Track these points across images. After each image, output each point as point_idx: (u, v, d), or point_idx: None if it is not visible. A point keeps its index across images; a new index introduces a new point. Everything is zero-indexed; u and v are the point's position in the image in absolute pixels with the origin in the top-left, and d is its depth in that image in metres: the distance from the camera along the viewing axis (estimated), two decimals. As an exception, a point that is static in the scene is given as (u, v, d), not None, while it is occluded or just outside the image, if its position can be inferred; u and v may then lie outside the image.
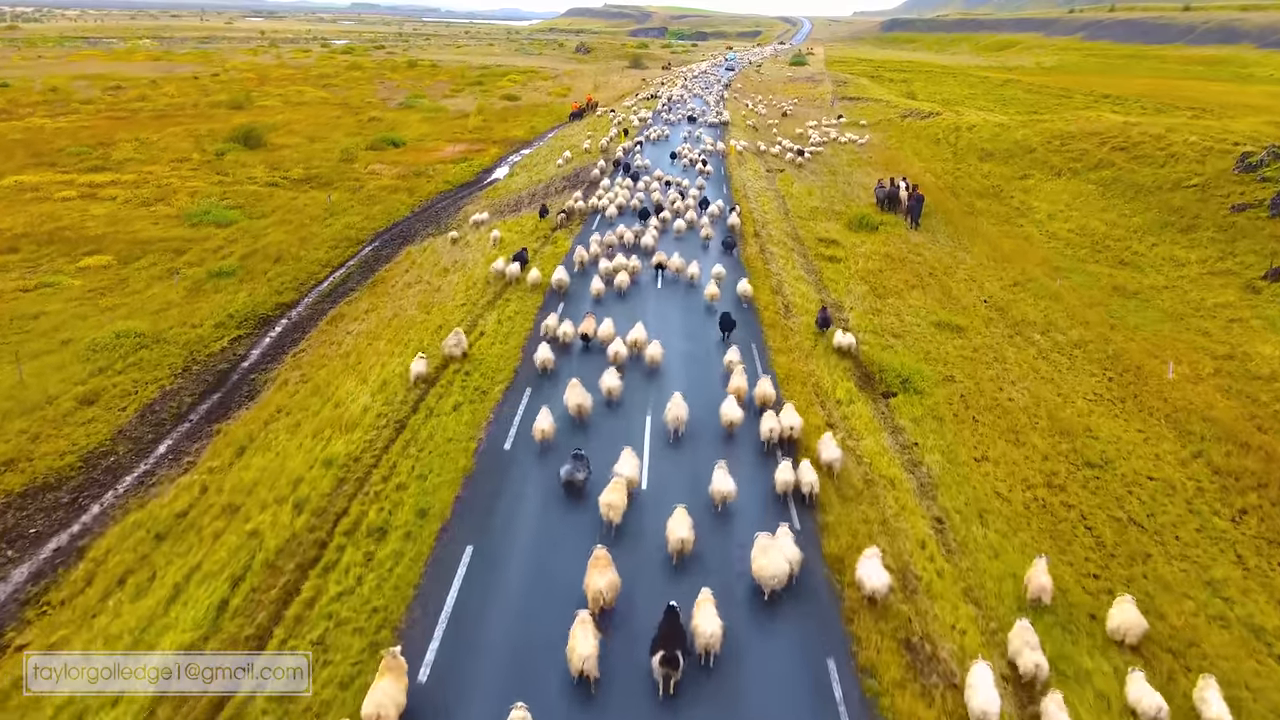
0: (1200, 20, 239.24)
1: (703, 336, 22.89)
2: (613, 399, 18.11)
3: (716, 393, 18.59)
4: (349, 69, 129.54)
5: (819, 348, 22.67)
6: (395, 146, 60.26)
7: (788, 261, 30.31)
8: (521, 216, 35.21)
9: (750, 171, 47.48)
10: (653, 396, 18.51)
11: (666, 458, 16.26)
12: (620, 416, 17.77)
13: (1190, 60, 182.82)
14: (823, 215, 39.50)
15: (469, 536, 13.13)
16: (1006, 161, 49.51)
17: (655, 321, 22.86)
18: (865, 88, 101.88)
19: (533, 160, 54.97)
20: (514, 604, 11.76)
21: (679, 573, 12.65)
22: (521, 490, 14.53)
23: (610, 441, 15.87)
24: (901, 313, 27.00)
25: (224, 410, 20.45)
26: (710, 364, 20.92)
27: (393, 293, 27.43)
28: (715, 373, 20.23)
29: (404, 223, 39.73)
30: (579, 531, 13.21)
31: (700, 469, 15.29)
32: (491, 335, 20.82)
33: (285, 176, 48.41)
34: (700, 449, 16.50)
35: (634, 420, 17.59)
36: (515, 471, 15.07)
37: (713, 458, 15.09)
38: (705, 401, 17.94)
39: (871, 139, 62.97)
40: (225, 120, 69.60)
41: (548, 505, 14.22)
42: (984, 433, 19.40)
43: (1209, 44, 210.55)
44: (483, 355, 19.49)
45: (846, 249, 33.72)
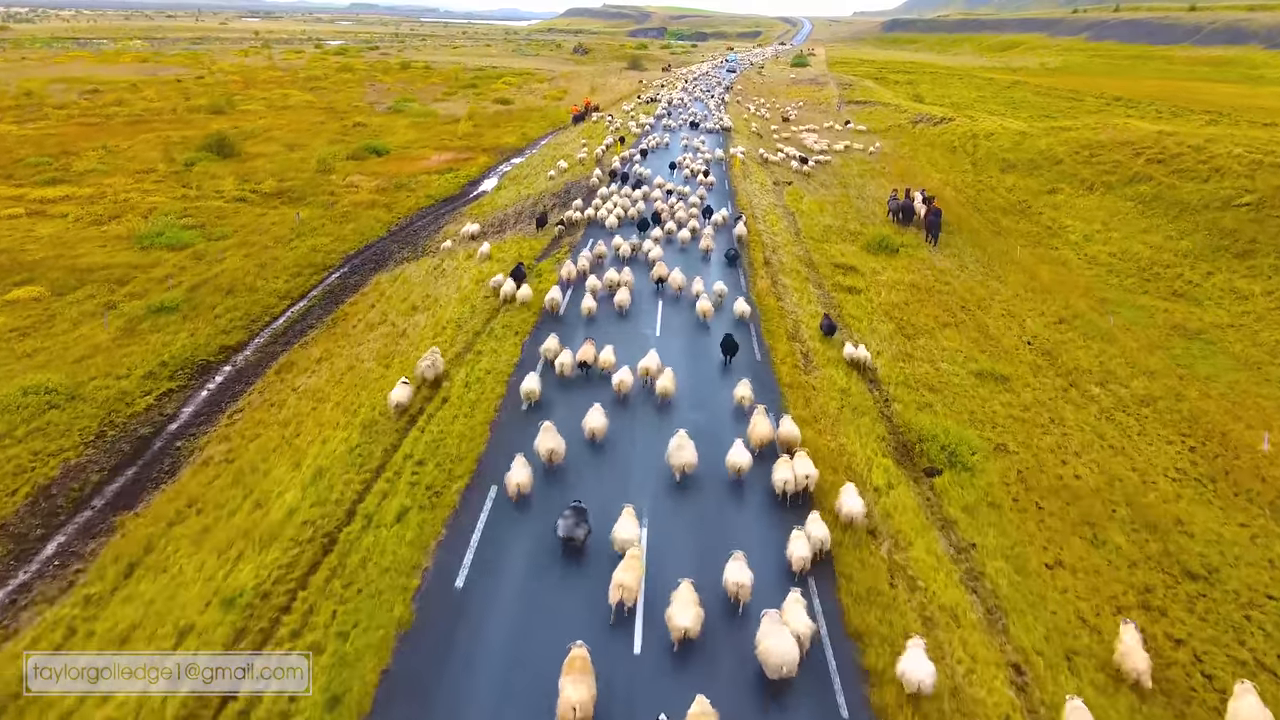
0: (1206, 20, 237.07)
1: (705, 361, 20.90)
2: (596, 440, 16.04)
3: (721, 427, 17.16)
4: (339, 71, 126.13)
5: (846, 409, 19.21)
6: (378, 155, 56.78)
7: (803, 295, 26.84)
8: (506, 240, 31.71)
9: (756, 184, 44.02)
10: (641, 434, 16.71)
11: (666, 511, 14.23)
12: (608, 462, 15.72)
13: (1197, 61, 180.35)
14: (837, 235, 36.04)
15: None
16: (1031, 173, 46.06)
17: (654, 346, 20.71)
18: (871, 91, 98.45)
19: (523, 171, 51.48)
20: None
21: (678, 668, 10.64)
22: (473, 656, 10.72)
23: (591, 495, 13.99)
24: (935, 358, 23.56)
25: (134, 493, 16.96)
26: (714, 395, 18.98)
27: (352, 335, 23.94)
28: (720, 405, 18.45)
29: (378, 244, 36.23)
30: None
31: (707, 532, 13.65)
32: (456, 403, 17.30)
33: (255, 190, 44.92)
34: (705, 501, 14.64)
35: (627, 467, 15.53)
36: (467, 625, 11.15)
37: (720, 513, 14.02)
38: (708, 437, 16.18)
39: (882, 147, 59.52)
40: (203, 126, 66.17)
41: (509, 686, 10.28)
42: (1053, 526, 15.95)
43: (1216, 45, 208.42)
44: (442, 433, 15.97)
45: (867, 277, 30.26)
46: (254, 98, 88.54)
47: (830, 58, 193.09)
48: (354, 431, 16.46)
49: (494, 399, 17.31)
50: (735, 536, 13.38)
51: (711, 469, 15.34)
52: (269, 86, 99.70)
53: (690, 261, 28.79)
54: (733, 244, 30.94)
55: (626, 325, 22.93)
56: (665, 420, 17.40)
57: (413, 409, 17.14)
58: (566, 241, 31.15)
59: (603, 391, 17.96)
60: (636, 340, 21.47)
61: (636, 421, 17.33)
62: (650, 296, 25.35)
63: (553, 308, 22.98)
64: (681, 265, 26.68)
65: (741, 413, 17.68)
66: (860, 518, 14.09)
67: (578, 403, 17.10)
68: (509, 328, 21.33)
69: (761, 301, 24.93)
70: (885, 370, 22.20)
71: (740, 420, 17.48)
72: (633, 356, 19.07)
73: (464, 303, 24.04)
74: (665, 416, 17.66)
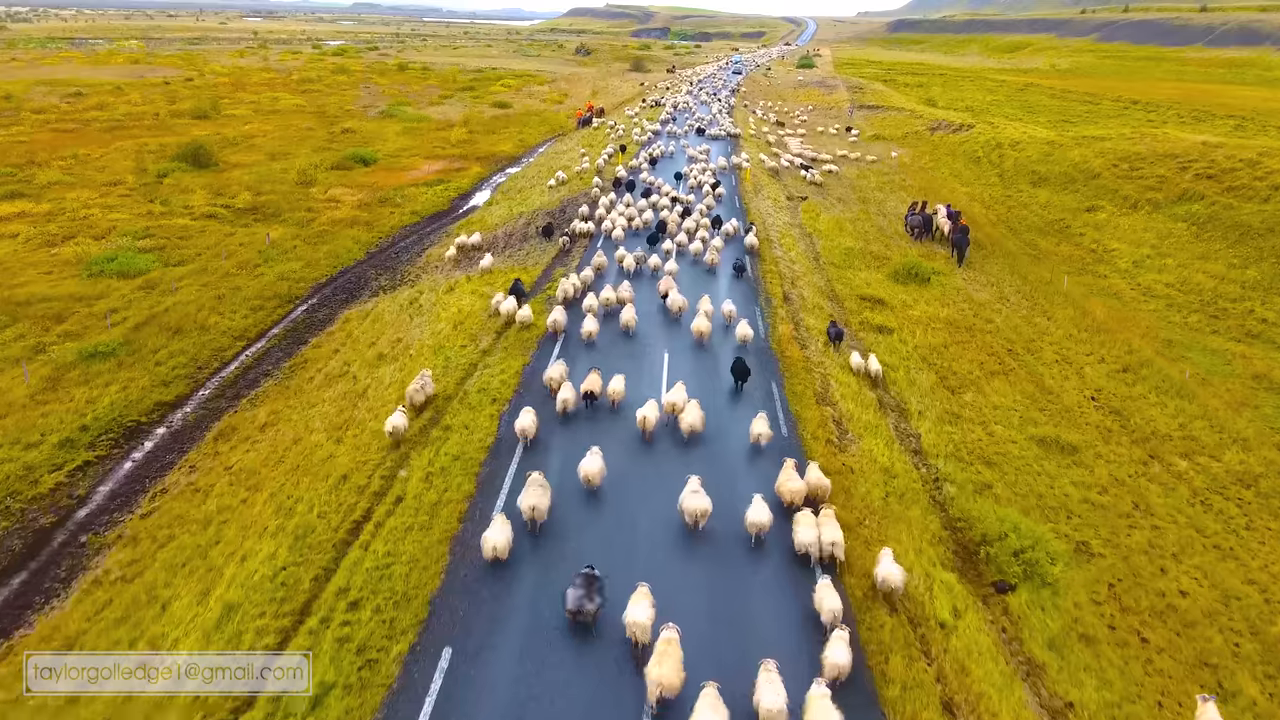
0: (1219, 21, 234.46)
1: (714, 391, 19.01)
2: (591, 487, 14.42)
3: (735, 470, 15.68)
4: (334, 73, 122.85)
5: (892, 497, 15.81)
6: (364, 165, 53.44)
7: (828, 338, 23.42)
8: (493, 273, 28.32)
9: (769, 201, 40.61)
10: (631, 482, 14.89)
11: (672, 573, 12.49)
12: (606, 514, 14.05)
13: (1211, 63, 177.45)
14: (860, 261, 32.63)
15: None
16: (1067, 189, 42.58)
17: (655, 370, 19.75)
18: (883, 94, 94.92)
19: (517, 183, 48.08)
20: None
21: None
22: None
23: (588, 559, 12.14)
24: (987, 418, 20.16)
25: (15, 616, 13.62)
26: (727, 429, 17.28)
27: (307, 391, 20.58)
28: (732, 442, 16.79)
29: (354, 270, 32.87)
30: None
31: (726, 600, 12.06)
32: (412, 506, 13.84)
33: (228, 205, 41.57)
34: (721, 566, 12.90)
35: (628, 523, 13.84)
36: None
37: (738, 583, 12.46)
38: (723, 481, 14.88)
39: (900, 156, 56.06)
40: (183, 133, 62.96)
41: None
42: (1164, 669, 12.55)
43: (1228, 46, 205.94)
44: (389, 555, 12.52)
45: (898, 313, 26.87)
46: (242, 101, 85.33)
47: (836, 59, 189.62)
48: (283, 545, 13.08)
49: (459, 500, 13.89)
50: (761, 631, 11.53)
51: (727, 522, 13.74)
52: (259, 89, 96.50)
53: (699, 275, 27.74)
54: (741, 255, 29.40)
55: (634, 346, 21.44)
56: (674, 462, 15.73)
57: (357, 513, 13.74)
58: (559, 273, 27.73)
59: (613, 428, 16.64)
60: (647, 366, 20.15)
61: (642, 464, 15.75)
62: (659, 314, 23.86)
63: (555, 330, 21.57)
64: (690, 280, 25.62)
65: (759, 451, 16.40)
66: (899, 588, 12.51)
67: (583, 441, 15.47)
68: (485, 392, 17.94)
69: (783, 352, 21.50)
70: (931, 438, 18.81)
71: (757, 459, 16.17)
72: (644, 384, 17.82)
73: (438, 352, 20.66)
74: (675, 458, 15.98)
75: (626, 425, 16.90)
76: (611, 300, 23.34)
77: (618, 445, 15.97)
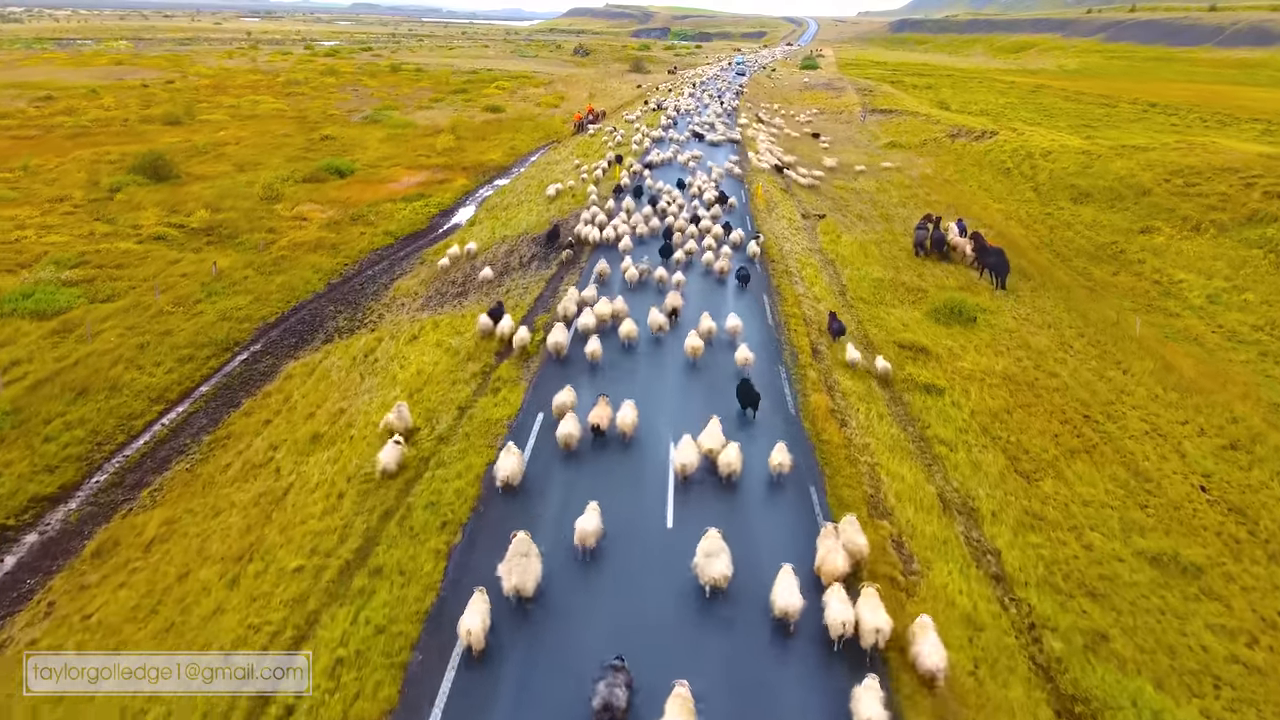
0: (1229, 21, 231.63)
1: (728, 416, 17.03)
2: (586, 549, 12.59)
3: (754, 512, 14.13)
4: (323, 74, 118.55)
5: (984, 664, 11.56)
6: (340, 176, 49.19)
7: (871, 407, 19.14)
8: (465, 312, 24.02)
9: (784, 220, 36.35)
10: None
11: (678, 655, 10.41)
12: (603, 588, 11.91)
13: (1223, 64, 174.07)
14: (892, 294, 28.37)
15: None
16: (1113, 206, 38.31)
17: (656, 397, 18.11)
18: (895, 98, 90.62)
19: (504, 199, 43.77)
20: None
21: None
22: None
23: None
24: (1079, 522, 15.90)
25: None
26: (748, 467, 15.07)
27: (218, 486, 16.32)
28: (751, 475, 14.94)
29: (310, 305, 28.60)
30: None
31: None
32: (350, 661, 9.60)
33: (181, 225, 37.33)
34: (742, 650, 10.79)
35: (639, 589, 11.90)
36: None
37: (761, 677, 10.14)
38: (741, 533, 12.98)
39: (921, 166, 51.80)
40: (152, 140, 58.79)
41: None
42: None
43: (1240, 46, 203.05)
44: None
45: (944, 364, 22.60)
46: (221, 105, 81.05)
47: (840, 59, 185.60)
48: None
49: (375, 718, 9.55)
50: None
51: (746, 587, 11.82)
52: (242, 92, 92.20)
53: (709, 286, 26.48)
54: (744, 264, 27.95)
55: (641, 369, 19.82)
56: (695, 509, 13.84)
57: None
58: (542, 319, 23.46)
59: (624, 467, 15.17)
60: (659, 391, 18.45)
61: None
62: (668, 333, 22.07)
63: (557, 352, 19.92)
64: (699, 292, 24.97)
65: (779, 484, 15.01)
66: (943, 675, 10.59)
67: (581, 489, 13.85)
68: (435, 509, 13.60)
69: (819, 433, 17.19)
70: (1015, 554, 14.55)
71: (778, 495, 14.74)
72: (657, 414, 16.64)
73: (385, 436, 16.38)
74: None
75: (638, 464, 15.29)
76: (607, 315, 21.76)
77: (626, 489, 14.31)
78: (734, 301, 25.33)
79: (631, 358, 20.55)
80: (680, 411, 17.40)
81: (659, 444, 15.97)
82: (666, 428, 16.40)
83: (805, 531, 13.53)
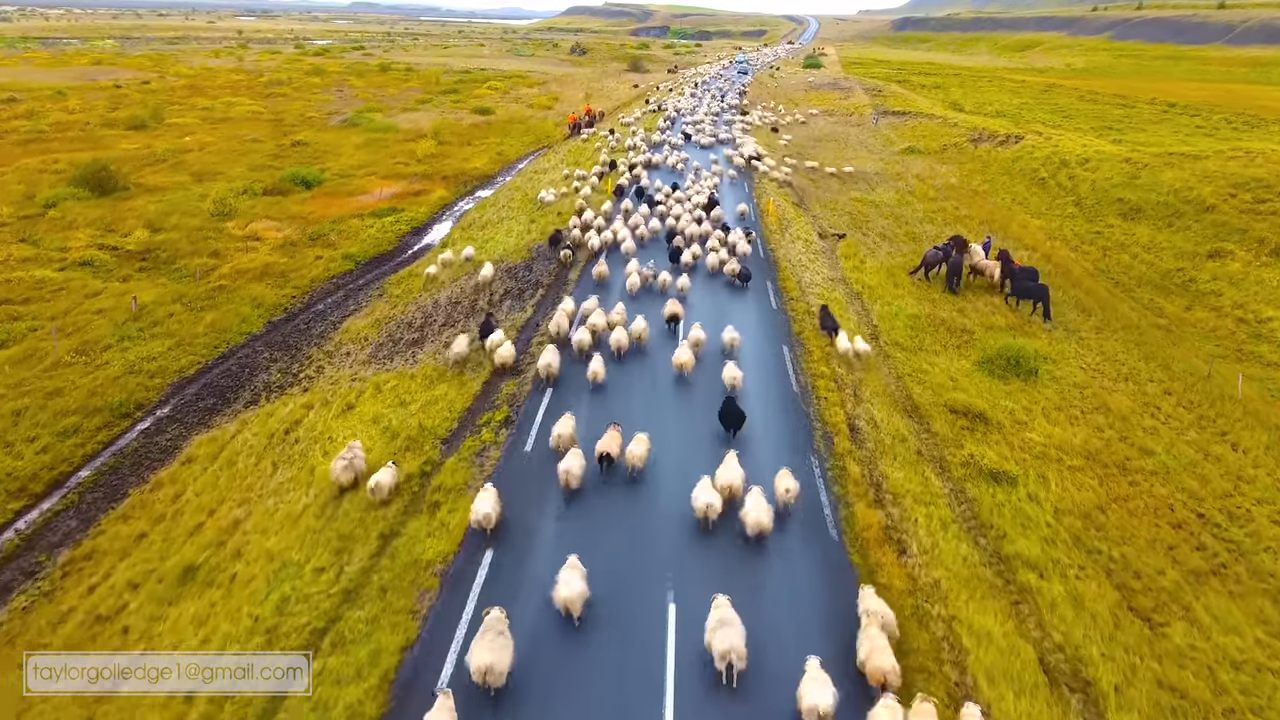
0: (1239, 19, 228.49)
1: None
2: (572, 615, 10.75)
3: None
4: (309, 74, 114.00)
5: None
6: (306, 187, 44.70)
7: (931, 512, 14.65)
8: (415, 369, 19.50)
9: (800, 242, 31.83)
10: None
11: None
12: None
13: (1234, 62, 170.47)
14: (931, 335, 23.88)
15: None
16: (1173, 225, 33.83)
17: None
18: (906, 98, 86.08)
19: (485, 214, 39.24)
20: None
21: None
22: None
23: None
24: (1235, 701, 11.44)
25: None
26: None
27: (47, 641, 11.80)
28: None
29: (241, 351, 24.07)
30: None
31: None
32: None
33: (115, 247, 32.84)
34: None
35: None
36: None
37: None
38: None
39: (944, 175, 47.29)
40: (110, 146, 54.44)
41: None
42: None
43: (1250, 45, 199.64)
44: None
45: (1008, 436, 18.13)
46: (194, 107, 76.51)
47: (843, 58, 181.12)
48: None
49: None
50: None
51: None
52: (219, 93, 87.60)
53: (712, 291, 25.45)
54: (741, 262, 26.90)
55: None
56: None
57: None
58: (507, 389, 18.96)
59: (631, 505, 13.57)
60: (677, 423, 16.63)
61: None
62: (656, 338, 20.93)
63: (548, 376, 18.23)
64: (701, 298, 24.10)
65: (785, 519, 13.33)
66: None
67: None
68: None
69: (871, 568, 12.68)
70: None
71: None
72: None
73: (274, 580, 11.84)
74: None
75: (641, 505, 13.72)
76: (601, 327, 20.33)
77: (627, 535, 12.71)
78: (739, 312, 23.01)
79: (624, 371, 18.74)
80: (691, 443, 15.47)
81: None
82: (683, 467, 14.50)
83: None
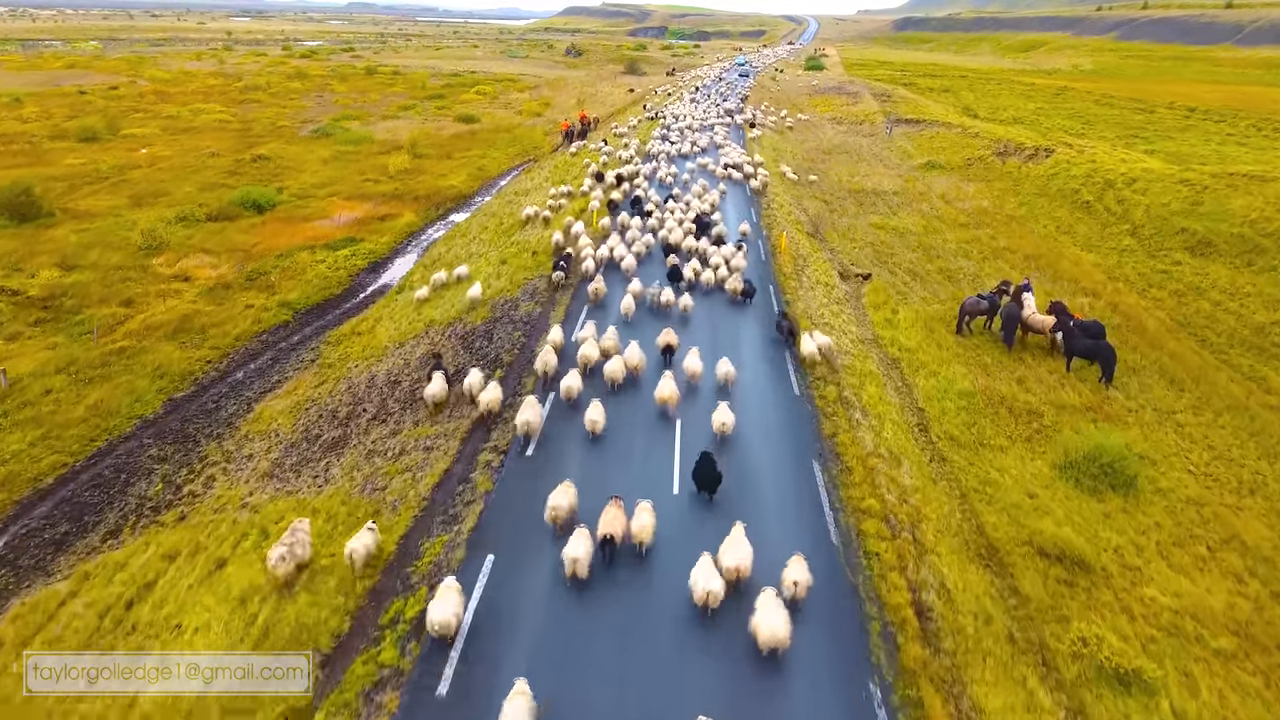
0: (1248, 19, 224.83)
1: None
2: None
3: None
4: (290, 78, 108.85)
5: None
6: (258, 211, 39.71)
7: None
8: (325, 489, 14.59)
9: (820, 287, 26.85)
10: None
11: None
12: None
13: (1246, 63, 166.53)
14: (992, 422, 18.94)
15: None
16: (1253, 264, 28.92)
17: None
18: (919, 105, 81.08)
19: (455, 246, 34.22)
20: None
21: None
22: None
23: None
24: None
25: None
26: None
27: None
28: None
29: (122, 449, 19.04)
30: None
31: None
32: None
33: (15, 292, 27.83)
34: None
35: None
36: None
37: None
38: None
39: (973, 196, 42.36)
40: (52, 161, 49.49)
41: None
42: None
43: (1261, 45, 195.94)
44: None
45: (1122, 597, 13.21)
46: (158, 115, 71.46)
47: (845, 59, 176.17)
48: None
49: None
50: None
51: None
52: (190, 99, 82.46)
53: (712, 311, 23.78)
54: (747, 278, 25.54)
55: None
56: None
57: None
58: (440, 544, 14.02)
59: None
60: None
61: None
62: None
63: (528, 433, 15.86)
64: (701, 319, 22.73)
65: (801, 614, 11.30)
66: None
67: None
68: None
69: None
70: None
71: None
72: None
73: None
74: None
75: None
76: (593, 359, 18.86)
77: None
78: (755, 398, 18.55)
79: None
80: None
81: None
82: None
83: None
